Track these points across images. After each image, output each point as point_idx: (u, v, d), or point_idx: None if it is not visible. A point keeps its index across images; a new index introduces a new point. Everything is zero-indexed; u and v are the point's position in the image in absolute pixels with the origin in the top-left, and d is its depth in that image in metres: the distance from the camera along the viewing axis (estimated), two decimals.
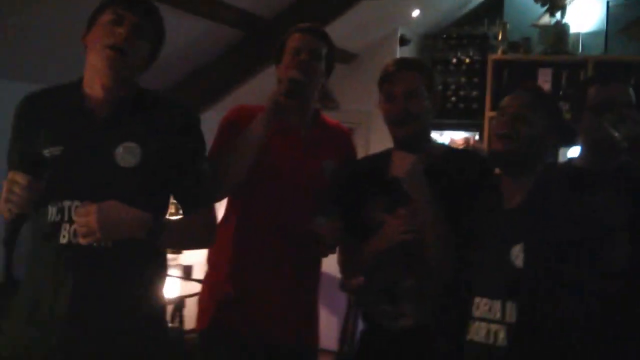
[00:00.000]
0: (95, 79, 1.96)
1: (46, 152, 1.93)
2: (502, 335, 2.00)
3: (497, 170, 2.24)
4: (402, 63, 2.39)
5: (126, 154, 1.94)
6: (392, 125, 2.34)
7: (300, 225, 2.35)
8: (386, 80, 2.34)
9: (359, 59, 5.31)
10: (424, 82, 2.33)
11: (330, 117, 2.64)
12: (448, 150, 2.57)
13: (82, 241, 1.84)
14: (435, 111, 2.39)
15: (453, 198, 2.22)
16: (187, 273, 4.62)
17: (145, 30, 1.97)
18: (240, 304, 2.40)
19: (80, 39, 2.01)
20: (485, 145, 4.68)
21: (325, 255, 2.45)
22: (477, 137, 5.25)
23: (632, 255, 2.14)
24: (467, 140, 5.28)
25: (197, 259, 4.49)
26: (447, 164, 2.33)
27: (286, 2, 4.17)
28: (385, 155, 2.46)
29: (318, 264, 2.56)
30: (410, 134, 2.31)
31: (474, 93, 5.17)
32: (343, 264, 2.49)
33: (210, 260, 2.56)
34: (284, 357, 2.45)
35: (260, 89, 2.73)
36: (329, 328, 2.51)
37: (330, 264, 2.61)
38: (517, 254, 2.01)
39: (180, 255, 4.88)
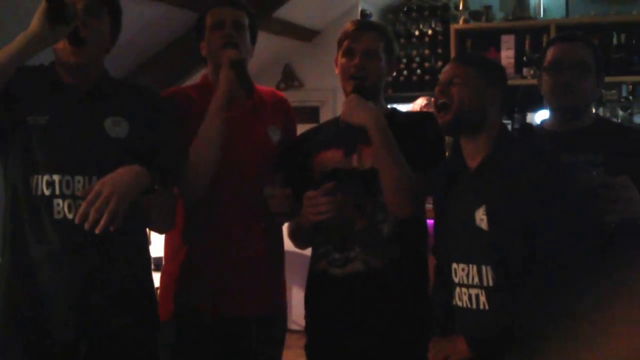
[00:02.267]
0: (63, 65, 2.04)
1: (30, 120, 1.96)
2: (482, 299, 2.00)
3: None
4: (363, 23, 2.44)
5: (115, 126, 2.03)
6: (346, 80, 2.34)
7: (255, 193, 2.35)
8: (347, 37, 2.36)
9: (320, 36, 5.29)
10: (383, 45, 2.36)
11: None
12: (397, 111, 2.53)
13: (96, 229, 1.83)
14: (389, 76, 2.45)
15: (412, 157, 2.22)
16: (157, 265, 4.52)
17: (94, 8, 2.01)
18: (199, 281, 2.37)
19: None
20: None
21: (282, 224, 2.45)
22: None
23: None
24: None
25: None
26: (400, 124, 2.33)
27: None
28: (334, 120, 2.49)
29: (278, 233, 2.53)
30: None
31: (439, 64, 5.14)
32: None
33: (167, 250, 2.54)
34: (253, 329, 2.41)
35: None
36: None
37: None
38: (481, 217, 1.99)
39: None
